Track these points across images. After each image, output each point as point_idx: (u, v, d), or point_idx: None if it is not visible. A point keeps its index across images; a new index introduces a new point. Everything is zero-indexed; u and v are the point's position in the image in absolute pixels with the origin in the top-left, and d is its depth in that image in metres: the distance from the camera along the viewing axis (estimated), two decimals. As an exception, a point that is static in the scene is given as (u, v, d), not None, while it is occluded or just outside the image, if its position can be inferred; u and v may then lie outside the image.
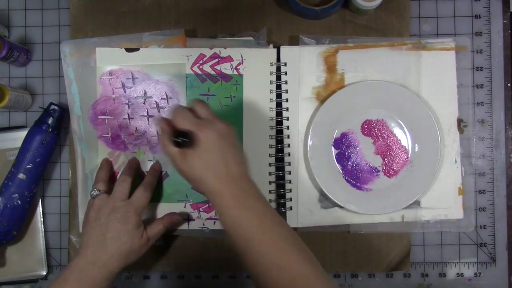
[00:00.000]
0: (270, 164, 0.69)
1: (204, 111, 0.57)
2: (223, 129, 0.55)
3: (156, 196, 0.69)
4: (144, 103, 0.70)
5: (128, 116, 0.70)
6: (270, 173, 0.69)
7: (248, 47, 0.69)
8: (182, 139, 0.54)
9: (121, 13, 0.72)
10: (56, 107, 0.68)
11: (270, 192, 0.69)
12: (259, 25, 0.71)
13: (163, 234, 0.67)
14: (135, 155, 0.70)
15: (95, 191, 0.65)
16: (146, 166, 0.70)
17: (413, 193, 0.68)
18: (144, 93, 0.70)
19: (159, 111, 0.70)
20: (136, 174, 0.68)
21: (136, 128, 0.70)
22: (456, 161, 0.69)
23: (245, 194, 0.55)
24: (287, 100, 0.69)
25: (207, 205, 0.69)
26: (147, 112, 0.70)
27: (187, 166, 0.55)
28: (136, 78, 0.70)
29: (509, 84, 0.71)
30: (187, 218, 0.70)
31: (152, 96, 0.70)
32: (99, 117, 0.70)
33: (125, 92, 0.70)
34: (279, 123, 0.70)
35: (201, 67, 0.70)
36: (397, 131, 0.69)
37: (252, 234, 0.53)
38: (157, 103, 0.70)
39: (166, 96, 0.70)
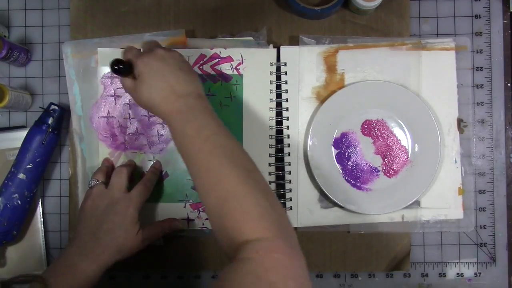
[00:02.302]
0: (270, 164, 0.69)
1: (148, 45, 0.60)
2: (162, 54, 0.57)
3: (156, 195, 0.69)
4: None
5: (129, 116, 0.70)
6: (270, 173, 0.69)
7: (248, 47, 0.69)
8: (119, 65, 0.56)
9: (121, 13, 0.72)
10: (56, 107, 0.68)
11: (270, 192, 0.69)
12: (259, 25, 0.71)
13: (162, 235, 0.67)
14: (135, 155, 0.70)
15: (93, 180, 0.65)
16: (146, 166, 0.70)
17: (413, 193, 0.68)
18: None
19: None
20: (136, 174, 0.69)
21: (136, 128, 0.70)
22: (456, 161, 0.69)
23: (190, 109, 0.55)
24: (287, 100, 0.70)
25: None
26: (148, 112, 0.70)
27: (138, 94, 0.57)
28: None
29: (509, 84, 0.71)
30: (187, 218, 0.70)
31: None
32: (100, 117, 0.70)
33: (126, 92, 0.69)
34: (279, 123, 0.70)
35: (201, 67, 0.70)
36: (397, 131, 0.69)
37: (191, 145, 0.53)
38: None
39: (166, 96, 0.70)
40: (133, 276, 0.72)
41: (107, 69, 0.70)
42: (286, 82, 0.70)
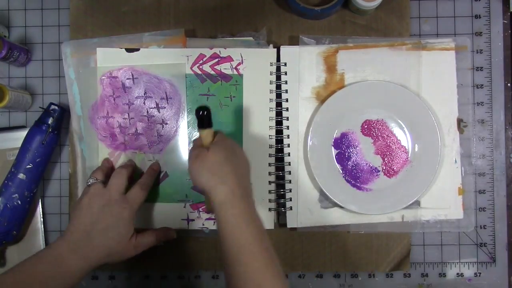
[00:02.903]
0: (270, 164, 0.69)
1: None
2: (234, 146, 0.60)
3: (156, 196, 0.69)
4: (144, 103, 0.70)
5: (128, 116, 0.70)
6: (270, 173, 0.69)
7: (248, 47, 0.69)
8: (204, 112, 0.57)
9: (121, 13, 0.72)
10: (56, 107, 0.68)
11: (270, 192, 0.69)
12: (259, 25, 0.71)
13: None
14: (135, 155, 0.70)
15: (92, 178, 0.64)
16: (146, 166, 0.70)
17: (413, 193, 0.68)
18: (144, 93, 0.70)
19: (159, 111, 0.70)
20: (135, 174, 0.69)
21: (136, 128, 0.70)
22: (456, 161, 0.69)
23: (248, 207, 0.56)
24: (287, 100, 0.70)
25: (207, 205, 0.69)
26: (147, 112, 0.70)
27: (207, 158, 0.57)
28: (136, 78, 0.70)
29: (509, 84, 0.71)
30: (187, 218, 0.70)
31: (152, 96, 0.70)
32: (99, 117, 0.70)
33: (125, 92, 0.70)
34: (279, 123, 0.70)
35: (201, 67, 0.70)
36: (397, 131, 0.69)
37: (244, 248, 0.53)
38: (157, 103, 0.70)
39: (166, 96, 0.70)
40: (133, 276, 0.72)
41: (106, 69, 0.70)
42: (286, 82, 0.70)
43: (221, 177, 0.56)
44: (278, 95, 0.70)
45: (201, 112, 0.57)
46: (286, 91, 0.70)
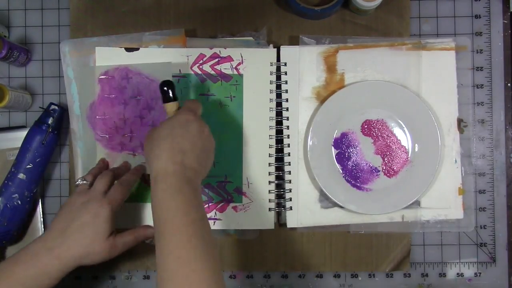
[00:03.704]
0: (270, 164, 0.69)
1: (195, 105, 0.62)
2: (189, 120, 0.58)
3: (148, 196, 0.68)
4: (139, 103, 0.70)
5: (124, 116, 0.70)
6: (270, 173, 0.69)
7: (248, 47, 0.69)
8: (169, 87, 0.59)
9: (121, 13, 0.72)
10: (56, 107, 0.68)
11: (270, 192, 0.69)
12: (259, 25, 0.71)
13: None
14: (131, 156, 0.70)
15: (80, 179, 0.63)
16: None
17: (413, 193, 0.68)
18: (140, 93, 0.70)
19: (157, 111, 0.70)
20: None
21: (131, 129, 0.70)
22: (456, 161, 0.69)
23: (177, 182, 0.55)
24: (287, 100, 0.70)
25: (207, 205, 0.69)
26: (143, 113, 0.70)
27: (159, 128, 0.58)
28: (132, 78, 0.70)
29: (509, 84, 0.71)
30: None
31: (148, 96, 0.70)
32: (97, 117, 0.70)
33: (122, 92, 0.70)
34: (279, 123, 0.70)
35: (201, 67, 0.70)
36: (397, 131, 0.69)
37: (167, 221, 0.53)
38: (155, 103, 0.70)
39: (166, 96, 0.70)
40: (133, 276, 0.72)
41: (105, 68, 0.70)
42: (286, 82, 0.70)
43: (157, 153, 0.56)
44: (278, 95, 0.70)
45: (164, 86, 0.59)
46: (286, 91, 0.70)
